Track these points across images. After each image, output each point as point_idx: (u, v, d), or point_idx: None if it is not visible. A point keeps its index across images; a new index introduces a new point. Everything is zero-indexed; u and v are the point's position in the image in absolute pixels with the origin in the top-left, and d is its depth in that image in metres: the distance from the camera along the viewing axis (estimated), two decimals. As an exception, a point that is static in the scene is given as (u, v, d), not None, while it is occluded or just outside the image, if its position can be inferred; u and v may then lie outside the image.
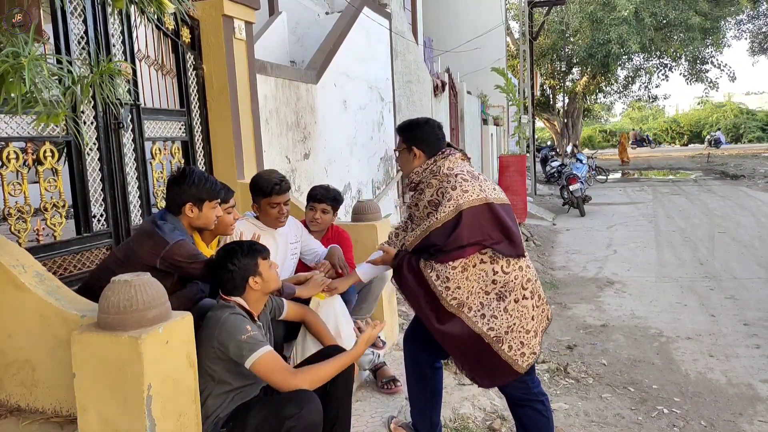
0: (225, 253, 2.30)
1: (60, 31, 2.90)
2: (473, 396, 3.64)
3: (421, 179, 2.46)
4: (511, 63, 23.25)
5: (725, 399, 3.93)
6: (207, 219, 2.59)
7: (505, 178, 10.13)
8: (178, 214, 2.56)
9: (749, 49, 29.62)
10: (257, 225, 3.12)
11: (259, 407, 2.18)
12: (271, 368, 2.09)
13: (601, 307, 6.03)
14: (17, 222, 2.67)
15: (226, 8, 3.93)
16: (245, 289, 2.27)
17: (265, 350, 2.09)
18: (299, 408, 2.07)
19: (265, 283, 2.29)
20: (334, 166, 6.31)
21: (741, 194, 14.84)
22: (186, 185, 2.52)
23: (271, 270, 2.33)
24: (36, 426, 2.27)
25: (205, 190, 2.55)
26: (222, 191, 2.65)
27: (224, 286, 2.28)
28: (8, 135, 2.64)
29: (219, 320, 2.14)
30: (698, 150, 35.55)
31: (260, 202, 3.08)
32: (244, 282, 2.26)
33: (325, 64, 6.09)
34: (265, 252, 2.33)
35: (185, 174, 2.56)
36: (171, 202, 2.57)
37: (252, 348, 2.08)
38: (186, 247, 2.43)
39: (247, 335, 2.09)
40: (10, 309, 2.28)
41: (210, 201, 2.57)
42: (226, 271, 2.24)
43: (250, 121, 4.27)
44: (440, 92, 11.69)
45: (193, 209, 2.54)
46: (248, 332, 2.10)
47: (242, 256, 2.26)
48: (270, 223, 3.12)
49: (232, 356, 2.10)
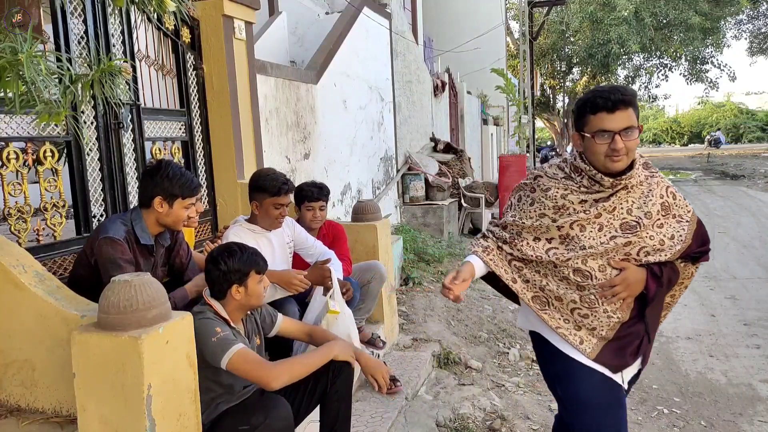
0: (223, 251, 2.24)
1: (60, 31, 2.90)
2: (473, 396, 3.64)
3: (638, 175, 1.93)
4: (511, 63, 23.26)
5: (725, 399, 3.93)
6: (176, 217, 2.45)
7: (505, 178, 10.11)
8: (148, 207, 2.44)
9: (748, 49, 29.63)
10: (252, 229, 3.05)
11: (232, 415, 2.17)
12: (246, 362, 2.06)
13: (601, 307, 6.03)
14: (17, 222, 2.67)
15: (226, 8, 3.93)
16: (226, 294, 2.21)
17: (238, 347, 2.07)
18: (265, 416, 2.06)
19: (246, 297, 2.22)
20: (334, 166, 6.31)
21: (741, 194, 14.84)
22: (159, 178, 2.40)
23: (259, 286, 2.24)
24: (36, 426, 2.27)
25: (178, 186, 2.41)
26: (197, 190, 2.50)
27: (210, 285, 2.23)
28: (8, 135, 2.64)
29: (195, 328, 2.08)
30: (698, 150, 35.56)
31: (263, 201, 3.00)
32: (227, 287, 2.19)
33: (325, 64, 6.09)
34: (262, 267, 2.26)
35: (160, 166, 2.43)
36: (141, 195, 2.46)
37: (224, 347, 2.06)
38: (112, 247, 2.31)
39: (216, 337, 2.07)
40: (10, 309, 2.28)
41: (183, 198, 2.43)
42: (216, 268, 2.19)
43: (250, 121, 4.26)
44: (440, 92, 11.69)
45: (162, 204, 2.42)
46: (217, 334, 2.08)
47: (236, 261, 2.19)
48: (267, 225, 3.06)
49: (209, 361, 2.08)
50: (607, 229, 1.91)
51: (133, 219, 2.45)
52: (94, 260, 2.36)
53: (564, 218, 1.93)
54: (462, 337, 4.79)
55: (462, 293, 1.99)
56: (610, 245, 1.89)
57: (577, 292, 1.94)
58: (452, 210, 8.97)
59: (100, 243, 2.32)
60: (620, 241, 1.89)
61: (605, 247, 1.89)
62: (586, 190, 1.92)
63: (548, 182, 1.99)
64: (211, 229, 4.01)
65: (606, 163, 1.85)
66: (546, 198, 1.97)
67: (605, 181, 1.87)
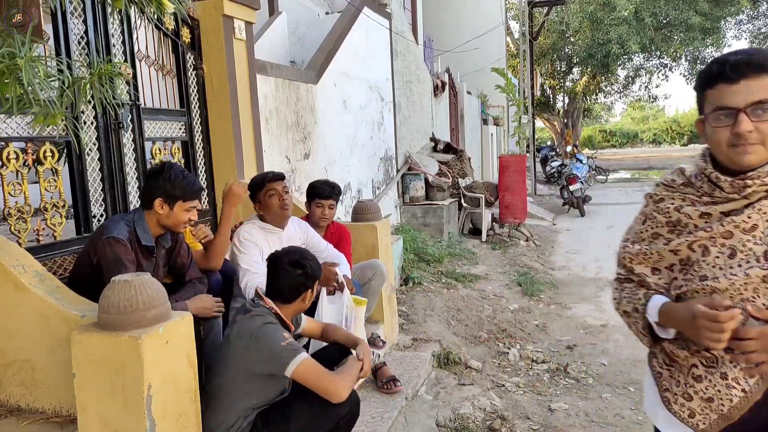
0: (301, 255, 2.27)
1: (60, 32, 2.90)
2: (473, 396, 3.64)
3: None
4: (511, 63, 23.25)
5: (725, 399, 3.93)
6: (177, 219, 2.47)
7: (505, 178, 10.11)
8: (149, 209, 2.46)
9: (749, 49, 29.61)
10: (263, 227, 3.10)
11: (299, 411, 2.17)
12: (313, 372, 2.09)
13: (601, 307, 6.03)
14: (17, 222, 2.67)
15: (226, 8, 3.93)
16: (293, 301, 2.23)
17: (304, 356, 2.08)
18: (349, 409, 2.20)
19: (305, 304, 2.28)
20: (334, 166, 6.31)
21: (741, 194, 14.82)
22: (161, 180, 2.43)
23: (312, 296, 2.33)
24: (36, 426, 2.27)
25: (179, 188, 2.44)
26: (199, 193, 2.53)
27: (278, 286, 2.21)
28: (8, 135, 2.64)
29: (252, 333, 2.08)
30: (698, 150, 35.43)
31: (259, 196, 3.07)
32: (299, 293, 2.22)
33: (325, 64, 6.09)
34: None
35: (163, 168, 2.46)
36: (143, 196, 2.50)
37: (292, 355, 2.06)
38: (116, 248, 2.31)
39: (285, 342, 2.07)
40: (10, 309, 2.28)
41: (183, 201, 2.45)
42: (292, 273, 2.20)
43: (250, 121, 4.27)
44: (440, 92, 11.69)
45: (163, 206, 2.44)
46: (285, 339, 2.08)
47: (315, 267, 2.25)
48: (275, 220, 3.09)
49: (269, 367, 2.07)
50: (743, 255, 1.30)
51: (135, 220, 2.46)
52: (97, 260, 2.37)
53: (681, 238, 1.39)
54: (462, 337, 4.79)
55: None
56: (742, 279, 1.29)
57: (692, 343, 1.36)
58: (452, 210, 8.97)
59: (104, 243, 2.32)
60: (759, 274, 1.28)
61: (735, 281, 1.29)
62: (709, 199, 1.37)
63: (663, 191, 1.47)
64: (211, 229, 4.00)
65: (730, 156, 1.31)
66: (658, 212, 1.45)
67: (723, 182, 1.33)
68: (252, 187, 3.10)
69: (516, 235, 9.39)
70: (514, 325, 5.30)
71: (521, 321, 5.46)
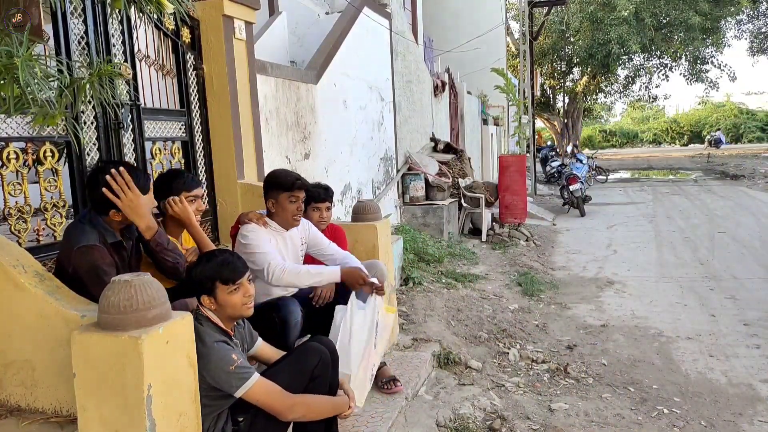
0: (206, 256, 2.26)
1: (60, 32, 2.90)
2: (473, 396, 3.65)
3: None
4: (511, 63, 23.26)
5: (725, 399, 3.93)
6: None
7: (505, 178, 10.11)
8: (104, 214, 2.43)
9: (749, 49, 29.61)
10: (270, 223, 3.09)
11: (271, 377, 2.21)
12: (266, 394, 2.11)
13: (601, 307, 6.03)
14: (17, 222, 2.67)
15: (226, 8, 3.93)
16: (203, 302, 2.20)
17: (255, 379, 2.10)
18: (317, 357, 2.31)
19: (220, 307, 2.19)
20: (334, 166, 6.31)
21: (741, 194, 14.84)
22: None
23: (232, 297, 2.17)
24: (36, 426, 2.27)
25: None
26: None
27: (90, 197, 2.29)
28: (8, 135, 2.64)
29: (203, 352, 2.06)
30: (698, 150, 35.53)
31: (279, 197, 3.04)
32: (199, 295, 2.19)
33: (325, 64, 6.09)
34: (237, 275, 2.19)
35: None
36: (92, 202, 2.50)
37: (242, 377, 2.08)
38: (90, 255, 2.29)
39: (234, 365, 2.07)
40: (10, 309, 2.28)
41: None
42: (189, 275, 2.22)
43: (250, 121, 4.27)
44: (440, 92, 11.69)
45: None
46: (235, 362, 2.08)
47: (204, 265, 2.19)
48: (284, 223, 3.09)
49: (223, 387, 2.09)
50: None
51: (94, 222, 2.42)
52: (72, 269, 2.33)
53: None
54: (462, 337, 4.79)
55: None
56: None
57: None
58: (452, 210, 8.98)
59: (77, 254, 2.29)
60: None
61: None
62: None
63: None
64: (211, 229, 4.01)
65: None
66: None
67: None
68: (275, 185, 3.05)
69: (516, 235, 9.40)
70: (514, 325, 5.30)
71: (521, 321, 5.46)
